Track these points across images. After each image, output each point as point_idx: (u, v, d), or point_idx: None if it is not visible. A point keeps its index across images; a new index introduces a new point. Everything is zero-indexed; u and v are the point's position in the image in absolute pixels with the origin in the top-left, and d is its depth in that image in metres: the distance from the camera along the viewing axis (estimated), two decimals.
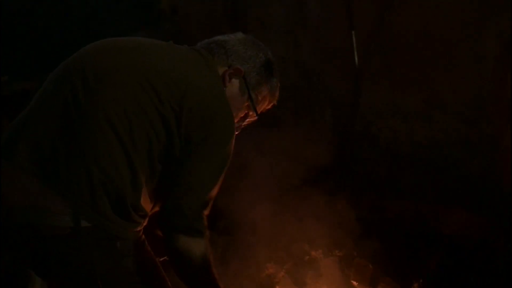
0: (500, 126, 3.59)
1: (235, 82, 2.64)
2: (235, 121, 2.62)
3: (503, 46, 3.68)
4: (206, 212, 2.44)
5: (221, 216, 4.26)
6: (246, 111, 2.73)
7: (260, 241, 4.24)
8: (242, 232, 4.20)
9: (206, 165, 2.42)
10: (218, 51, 2.62)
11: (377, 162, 4.14)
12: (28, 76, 4.33)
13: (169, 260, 2.51)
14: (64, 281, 2.37)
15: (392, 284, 3.88)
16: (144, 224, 2.56)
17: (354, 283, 4.25)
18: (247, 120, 2.77)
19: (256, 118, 2.77)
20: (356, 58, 4.40)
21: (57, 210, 2.27)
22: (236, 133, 2.60)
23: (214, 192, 2.48)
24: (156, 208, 2.62)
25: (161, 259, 2.76)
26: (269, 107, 2.81)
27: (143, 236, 2.61)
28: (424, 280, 3.50)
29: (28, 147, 2.33)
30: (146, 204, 2.50)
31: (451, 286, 3.21)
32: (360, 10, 4.47)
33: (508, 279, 2.99)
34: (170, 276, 2.74)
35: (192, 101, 2.41)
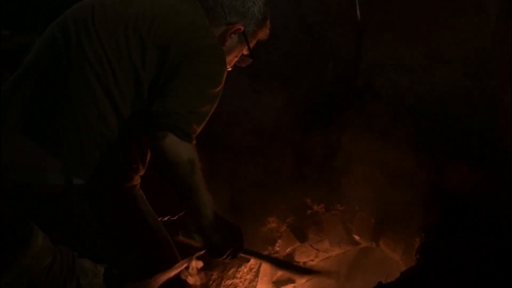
0: (502, 81, 3.58)
1: (234, 37, 2.65)
2: (231, 63, 2.70)
3: (506, 0, 3.64)
4: (196, 126, 2.30)
5: (221, 169, 4.28)
6: (241, 53, 2.76)
7: (262, 196, 4.26)
8: (243, 187, 4.22)
9: (193, 81, 2.32)
10: (215, 8, 2.61)
11: (378, 116, 4.13)
12: (29, 30, 4.30)
13: (156, 164, 2.38)
14: (64, 236, 2.39)
15: (394, 238, 3.92)
16: (138, 177, 2.58)
17: (356, 237, 4.30)
18: (241, 59, 2.80)
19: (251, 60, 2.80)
20: (358, 12, 4.37)
21: (48, 169, 2.29)
22: (229, 69, 2.65)
23: (205, 109, 2.35)
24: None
25: (165, 219, 2.80)
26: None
27: (141, 192, 2.64)
28: (425, 234, 3.53)
29: (16, 107, 2.35)
30: (138, 157, 2.51)
31: (452, 240, 3.23)
32: None
33: (510, 233, 3.01)
34: (167, 228, 2.77)
35: (179, 43, 2.39)
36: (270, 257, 3.67)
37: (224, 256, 2.51)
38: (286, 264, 3.36)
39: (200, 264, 2.68)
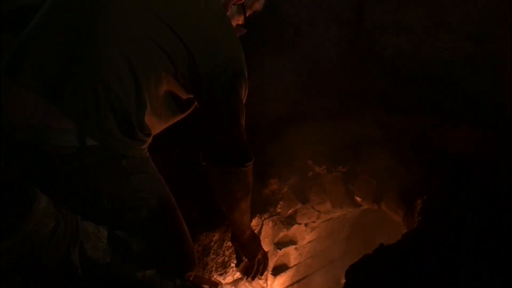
0: (505, 43, 3.56)
1: (233, 7, 2.73)
2: None
3: None
4: (245, 138, 2.68)
5: None
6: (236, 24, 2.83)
7: (263, 158, 4.27)
8: None
9: (231, 102, 2.54)
10: None
11: (381, 79, 4.12)
12: None
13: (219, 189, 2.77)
14: (70, 199, 2.40)
15: (396, 200, 3.93)
16: (149, 142, 2.60)
17: (358, 199, 4.30)
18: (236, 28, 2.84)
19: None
20: None
21: (62, 129, 2.29)
22: None
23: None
24: (163, 129, 2.68)
25: None
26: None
27: (148, 154, 2.65)
28: (427, 196, 3.53)
29: (34, 64, 2.32)
30: (151, 123, 2.53)
31: (454, 202, 3.24)
32: None
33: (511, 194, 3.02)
34: (173, 192, 2.78)
35: (202, 34, 2.44)
36: None
37: (255, 263, 3.22)
38: None
39: None
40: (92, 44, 2.33)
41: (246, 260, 3.24)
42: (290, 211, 4.50)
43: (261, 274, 3.33)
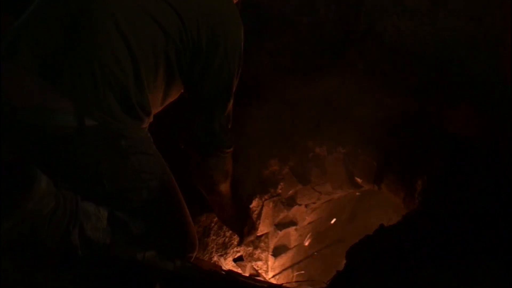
0: (505, 23, 3.54)
1: None
2: None
3: None
4: (230, 125, 2.66)
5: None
6: None
7: (263, 139, 4.26)
8: (245, 130, 4.21)
9: (223, 78, 2.58)
10: None
11: (381, 59, 4.10)
12: None
13: (198, 173, 2.83)
14: (70, 179, 2.40)
15: (396, 181, 3.92)
16: (150, 121, 2.60)
17: (358, 180, 4.30)
18: None
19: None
20: None
21: (61, 110, 2.29)
22: None
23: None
24: (161, 107, 2.69)
25: None
26: None
27: (149, 134, 2.65)
28: (428, 177, 3.53)
29: (31, 46, 2.32)
30: (151, 101, 2.53)
31: (454, 183, 3.23)
32: None
33: None
34: (175, 173, 2.79)
35: (199, 6, 2.44)
36: None
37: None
38: None
39: None
40: (87, 22, 2.33)
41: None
42: (291, 192, 4.50)
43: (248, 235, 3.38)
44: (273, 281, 4.59)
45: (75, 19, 2.33)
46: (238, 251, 4.22)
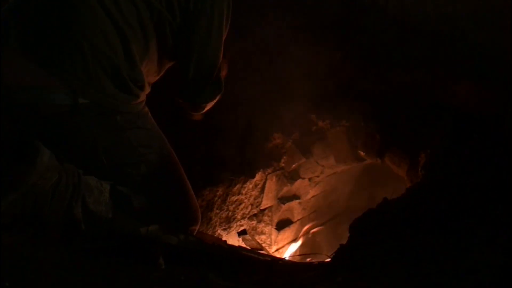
0: None
1: None
2: None
3: None
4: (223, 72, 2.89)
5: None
6: None
7: (267, 112, 4.26)
8: (249, 103, 4.21)
9: (212, 35, 2.57)
10: None
11: (384, 33, 4.08)
12: None
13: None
14: (69, 157, 2.40)
15: (399, 154, 3.93)
16: (145, 95, 2.60)
17: (361, 153, 4.31)
18: None
19: None
20: None
21: (54, 89, 2.28)
22: None
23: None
24: (159, 75, 2.69)
25: None
26: None
27: (146, 109, 2.64)
28: (431, 151, 3.53)
29: (20, 28, 2.32)
30: (145, 73, 2.53)
31: (457, 156, 3.23)
32: None
33: None
34: (175, 148, 2.78)
35: None
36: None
37: None
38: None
39: None
40: (72, 2, 2.32)
41: None
42: (294, 165, 4.51)
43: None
44: (277, 254, 4.62)
45: (61, 0, 2.34)
46: (242, 225, 4.24)
